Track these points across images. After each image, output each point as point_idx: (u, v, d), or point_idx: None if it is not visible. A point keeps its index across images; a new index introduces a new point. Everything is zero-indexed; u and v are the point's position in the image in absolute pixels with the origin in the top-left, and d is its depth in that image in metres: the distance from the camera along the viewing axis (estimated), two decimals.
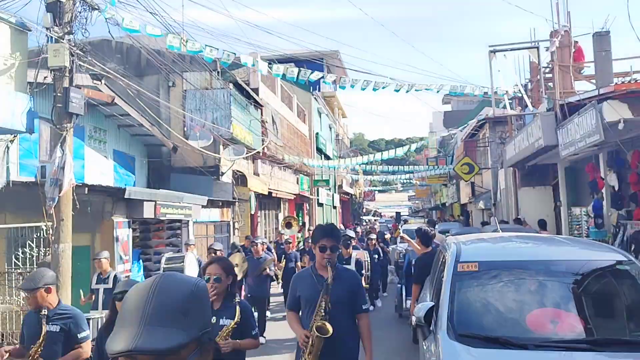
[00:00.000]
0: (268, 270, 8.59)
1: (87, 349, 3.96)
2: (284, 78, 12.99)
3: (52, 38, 7.81)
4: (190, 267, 8.05)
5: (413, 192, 67.85)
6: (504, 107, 13.18)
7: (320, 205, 31.76)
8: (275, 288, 12.30)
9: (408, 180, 45.07)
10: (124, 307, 1.27)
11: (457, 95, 16.37)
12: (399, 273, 11.82)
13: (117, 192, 9.32)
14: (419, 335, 4.72)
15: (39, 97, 9.13)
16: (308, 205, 29.32)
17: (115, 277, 7.19)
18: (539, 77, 12.19)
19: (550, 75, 12.36)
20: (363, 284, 6.76)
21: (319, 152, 30.27)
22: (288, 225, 17.35)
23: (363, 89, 12.78)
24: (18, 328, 8.17)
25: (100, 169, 12.05)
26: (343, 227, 29.01)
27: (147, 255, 11.89)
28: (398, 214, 33.38)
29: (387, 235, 19.00)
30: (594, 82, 11.02)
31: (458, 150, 27.14)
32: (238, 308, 3.50)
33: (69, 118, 7.99)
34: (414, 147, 22.65)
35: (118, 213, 9.47)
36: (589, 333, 3.49)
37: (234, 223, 16.27)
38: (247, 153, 16.12)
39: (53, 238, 7.98)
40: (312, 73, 12.31)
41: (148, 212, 9.97)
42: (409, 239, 8.28)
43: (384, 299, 12.07)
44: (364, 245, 12.13)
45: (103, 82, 10.37)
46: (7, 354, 3.97)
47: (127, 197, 9.16)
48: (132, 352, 1.16)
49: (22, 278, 8.70)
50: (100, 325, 6.05)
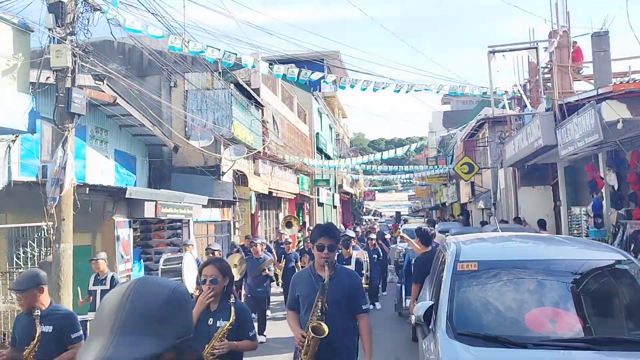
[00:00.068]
0: (267, 271, 8.57)
1: None
2: (285, 78, 13.01)
3: (54, 39, 7.84)
4: (189, 267, 7.87)
5: (413, 191, 67.84)
6: (503, 107, 13.21)
7: (321, 205, 31.78)
8: (276, 287, 12.34)
9: (408, 180, 45.12)
10: (98, 314, 1.21)
11: (456, 96, 16.38)
12: (399, 272, 11.85)
13: (118, 191, 9.34)
14: (419, 334, 4.74)
15: (41, 97, 9.17)
16: (308, 205, 29.34)
17: (113, 278, 7.14)
18: (538, 77, 12.21)
19: (549, 76, 12.38)
20: (365, 285, 6.83)
21: (320, 152, 30.29)
22: (288, 225, 17.37)
23: (363, 89, 12.80)
24: None
25: (102, 169, 12.07)
26: (343, 226, 29.04)
27: (148, 255, 11.94)
28: (398, 214, 33.44)
29: (387, 235, 19.01)
30: (593, 82, 11.03)
31: (458, 150, 27.16)
32: (233, 309, 3.45)
33: (71, 118, 8.02)
34: (414, 147, 22.66)
35: (119, 213, 9.50)
36: (588, 332, 3.50)
37: (235, 223, 16.30)
38: (247, 153, 16.16)
39: (54, 238, 8.01)
40: (312, 73, 12.34)
41: (149, 211, 10.00)
42: (409, 239, 8.29)
43: (384, 298, 12.10)
44: (364, 246, 12.16)
45: (105, 82, 10.42)
46: (2, 358, 3.89)
47: (128, 196, 9.19)
48: None
49: None
50: None
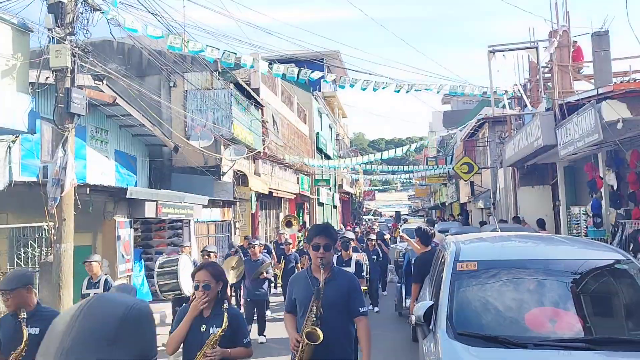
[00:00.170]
0: (265, 274, 8.44)
1: None
2: (285, 78, 13.02)
3: (53, 39, 7.85)
4: (185, 270, 7.69)
5: (413, 191, 67.85)
6: (503, 107, 13.22)
7: (321, 205, 31.79)
8: (275, 288, 12.34)
9: (408, 180, 45.15)
10: (46, 336, 1.13)
11: (456, 95, 16.40)
12: (399, 272, 11.85)
13: (118, 192, 9.35)
14: (419, 334, 4.74)
15: (41, 97, 9.18)
16: (308, 205, 29.35)
17: (106, 281, 7.01)
18: (538, 77, 12.21)
19: (549, 75, 12.37)
20: (364, 287, 6.79)
21: (320, 152, 30.30)
22: (288, 224, 17.37)
23: (363, 89, 12.81)
24: None
25: (102, 169, 12.08)
26: (343, 226, 29.06)
27: (148, 255, 11.97)
28: (398, 214, 33.48)
29: (386, 236, 19.00)
30: (593, 81, 11.04)
31: (457, 150, 27.16)
32: (226, 315, 3.35)
33: (71, 118, 8.03)
34: (414, 147, 22.65)
35: (120, 213, 9.51)
36: (588, 332, 3.50)
37: (235, 223, 16.31)
38: (247, 153, 16.17)
39: (55, 238, 8.02)
40: (312, 72, 12.35)
41: (149, 211, 10.01)
42: (409, 239, 8.28)
43: (384, 298, 12.10)
44: (364, 247, 12.15)
45: (104, 82, 10.42)
46: None
47: (128, 197, 9.19)
48: None
49: None
50: None
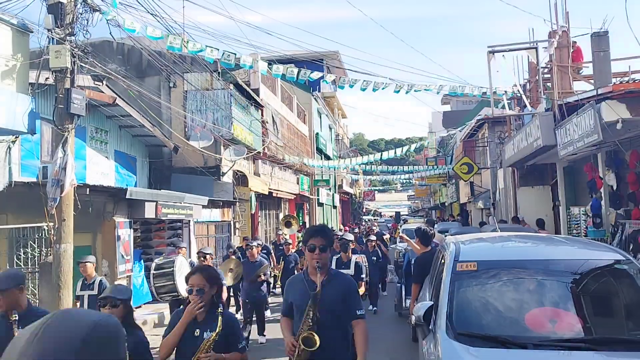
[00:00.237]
0: (263, 277, 8.36)
1: None
2: (284, 78, 13.03)
3: (53, 39, 7.86)
4: (181, 271, 7.57)
5: (412, 191, 67.91)
6: (503, 107, 13.22)
7: (321, 205, 31.79)
8: (274, 289, 12.34)
9: (407, 180, 45.17)
10: (5, 356, 1.03)
11: (456, 96, 16.40)
12: (399, 272, 11.85)
13: (118, 192, 9.35)
14: (419, 335, 4.74)
15: (41, 98, 9.18)
16: (308, 205, 29.35)
17: (101, 282, 6.91)
18: (538, 77, 12.21)
19: (549, 76, 12.39)
20: (363, 290, 6.76)
21: (319, 152, 30.30)
22: (288, 224, 17.36)
23: (363, 90, 12.81)
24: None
25: (102, 170, 12.08)
26: (342, 226, 29.05)
27: (148, 255, 11.95)
28: (398, 214, 33.49)
29: (386, 236, 18.98)
30: (592, 82, 11.04)
31: (457, 150, 27.17)
32: (220, 319, 3.27)
33: (71, 119, 8.04)
34: (414, 147, 22.66)
35: (119, 213, 9.51)
36: (588, 332, 3.49)
37: (235, 223, 16.31)
38: (247, 153, 16.17)
39: (54, 238, 8.02)
40: (311, 73, 12.36)
41: (149, 212, 10.01)
42: (408, 239, 8.28)
43: (384, 298, 12.10)
44: (363, 248, 12.13)
45: (104, 83, 10.43)
46: None
47: (128, 197, 9.19)
48: None
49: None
50: None
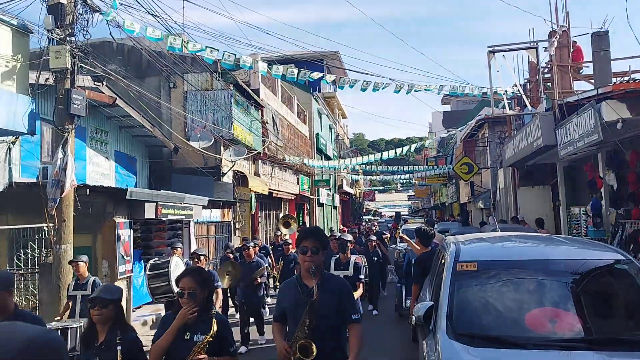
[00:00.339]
0: (259, 280, 8.27)
1: None
2: (284, 79, 13.03)
3: (53, 40, 7.88)
4: (176, 272, 7.42)
5: (413, 192, 67.91)
6: (503, 107, 13.22)
7: (321, 205, 31.79)
8: (274, 290, 12.33)
9: (408, 180, 45.16)
10: None
11: (456, 96, 16.40)
12: (399, 273, 11.83)
13: (118, 193, 9.34)
14: (419, 335, 4.74)
15: (41, 98, 9.18)
16: (308, 205, 29.34)
17: (94, 282, 6.81)
18: (538, 77, 12.21)
19: (549, 75, 12.39)
20: (361, 291, 6.71)
21: (319, 152, 30.30)
22: (286, 225, 17.30)
23: (363, 90, 12.81)
24: None
25: (102, 170, 12.09)
26: (342, 227, 29.02)
27: (148, 256, 11.93)
28: (398, 214, 33.46)
29: (386, 235, 18.96)
30: (593, 82, 11.04)
31: (457, 150, 27.17)
32: (215, 320, 3.21)
33: (71, 119, 8.05)
34: (414, 147, 22.65)
35: (119, 214, 9.50)
36: (588, 332, 3.49)
37: (235, 223, 16.31)
38: (247, 154, 16.17)
39: (54, 239, 8.03)
40: (311, 73, 12.36)
41: (149, 212, 10.00)
42: (408, 239, 8.26)
43: (384, 298, 12.09)
44: (363, 249, 12.10)
45: (104, 83, 10.43)
46: None
47: (128, 197, 9.18)
48: None
49: (23, 279, 8.74)
50: (79, 335, 5.72)
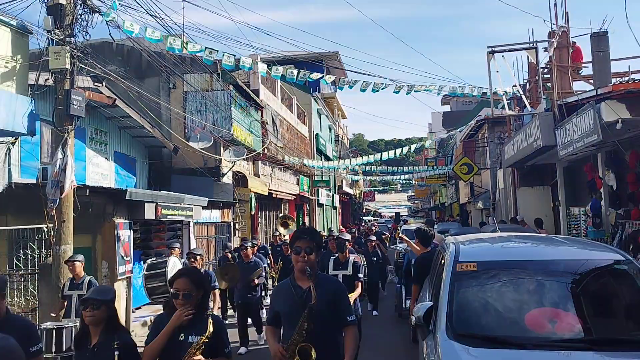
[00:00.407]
0: (256, 281, 8.24)
1: None
2: (284, 79, 13.03)
3: (53, 41, 7.89)
4: (174, 272, 7.62)
5: (412, 192, 67.91)
6: (503, 107, 13.22)
7: (321, 206, 31.79)
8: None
9: (407, 181, 45.18)
10: None
11: (456, 96, 16.41)
12: (399, 273, 11.84)
13: (118, 193, 9.33)
14: (419, 335, 4.74)
15: (40, 99, 9.18)
16: (308, 206, 29.34)
17: (90, 282, 6.76)
18: (537, 77, 12.21)
19: (549, 76, 12.38)
20: (360, 291, 6.68)
21: (319, 152, 30.30)
22: (285, 225, 17.28)
23: (363, 90, 12.81)
24: None
25: (102, 171, 12.09)
26: (342, 227, 29.01)
27: (148, 257, 11.93)
28: (398, 215, 33.39)
29: (386, 236, 18.97)
30: (592, 82, 11.04)
31: (457, 151, 27.18)
32: (211, 320, 3.15)
33: (70, 120, 8.05)
34: (414, 147, 22.66)
35: (119, 214, 9.50)
36: (587, 332, 3.50)
37: (235, 224, 16.31)
38: (247, 154, 16.18)
39: (54, 239, 8.03)
40: (311, 73, 12.36)
41: (149, 213, 10.00)
42: (408, 240, 8.25)
43: (384, 299, 12.09)
44: (362, 250, 12.09)
45: (104, 84, 10.43)
46: None
47: (128, 198, 9.18)
48: None
49: (23, 280, 8.74)
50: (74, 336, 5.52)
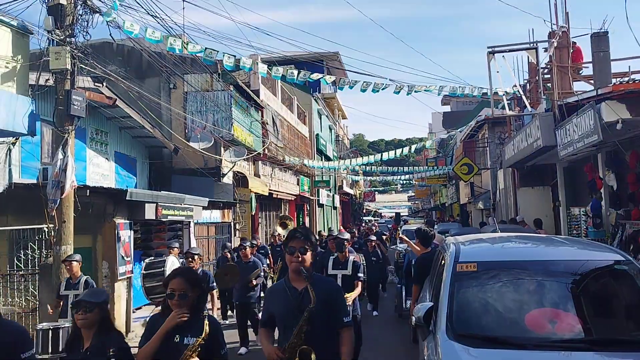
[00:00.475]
0: (254, 282, 8.20)
1: None
2: (284, 80, 13.03)
3: (53, 41, 7.89)
4: None
5: (413, 192, 67.89)
6: (503, 107, 13.22)
7: (321, 206, 31.79)
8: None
9: (408, 181, 45.14)
10: None
11: (456, 96, 16.40)
12: (399, 273, 11.83)
13: (118, 193, 9.34)
14: (419, 336, 4.74)
15: (41, 99, 9.18)
16: (308, 206, 29.34)
17: (87, 282, 6.72)
18: (538, 77, 12.22)
19: (549, 76, 12.39)
20: (359, 290, 6.67)
21: (320, 153, 30.31)
22: (283, 225, 17.29)
23: (363, 91, 12.81)
24: None
25: (102, 171, 12.09)
26: (341, 228, 29.00)
27: (148, 257, 11.95)
28: (398, 215, 33.29)
29: (386, 236, 18.95)
30: (592, 82, 11.04)
31: (457, 151, 27.18)
32: (207, 322, 3.09)
33: (71, 120, 8.05)
34: (414, 148, 22.65)
35: (120, 215, 9.50)
36: (588, 333, 3.50)
37: (235, 224, 16.32)
38: (247, 154, 16.18)
39: (55, 240, 8.03)
40: (311, 74, 12.35)
41: (149, 213, 10.00)
42: (408, 240, 8.25)
43: (384, 299, 12.09)
44: (363, 250, 12.07)
45: (104, 84, 10.43)
46: None
47: (128, 198, 9.18)
48: None
49: (24, 280, 8.74)
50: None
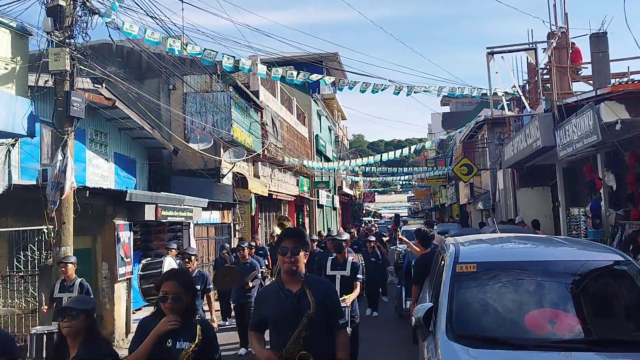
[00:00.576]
0: (251, 284, 8.17)
1: None
2: (284, 81, 13.03)
3: (52, 42, 7.89)
4: None
5: (412, 193, 67.91)
6: (502, 108, 13.23)
7: (321, 207, 31.79)
8: None
9: (407, 182, 45.17)
10: None
11: (455, 97, 16.40)
12: (399, 274, 11.83)
13: (118, 195, 9.34)
14: (419, 336, 4.74)
15: (40, 101, 9.18)
16: (308, 207, 29.34)
17: (81, 285, 6.63)
18: (537, 78, 12.22)
19: (548, 77, 12.40)
20: (358, 291, 6.66)
21: (319, 154, 30.31)
22: (281, 226, 17.26)
23: (362, 91, 12.81)
24: (20, 332, 8.21)
25: (102, 172, 12.09)
26: (342, 229, 29.00)
27: (148, 258, 11.95)
28: (397, 216, 33.23)
29: (386, 238, 18.92)
30: (592, 83, 11.05)
31: (457, 152, 27.20)
32: (199, 327, 3.00)
33: (70, 122, 8.05)
34: (413, 148, 22.66)
35: (119, 216, 9.50)
36: (587, 333, 3.51)
37: (235, 225, 16.31)
38: (247, 155, 16.17)
39: (54, 241, 8.02)
40: (311, 74, 12.36)
41: (149, 214, 10.00)
42: (408, 241, 8.26)
43: (384, 300, 12.07)
44: (363, 250, 12.05)
45: (104, 85, 10.44)
46: None
47: (128, 200, 9.18)
48: None
49: (23, 281, 8.74)
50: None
